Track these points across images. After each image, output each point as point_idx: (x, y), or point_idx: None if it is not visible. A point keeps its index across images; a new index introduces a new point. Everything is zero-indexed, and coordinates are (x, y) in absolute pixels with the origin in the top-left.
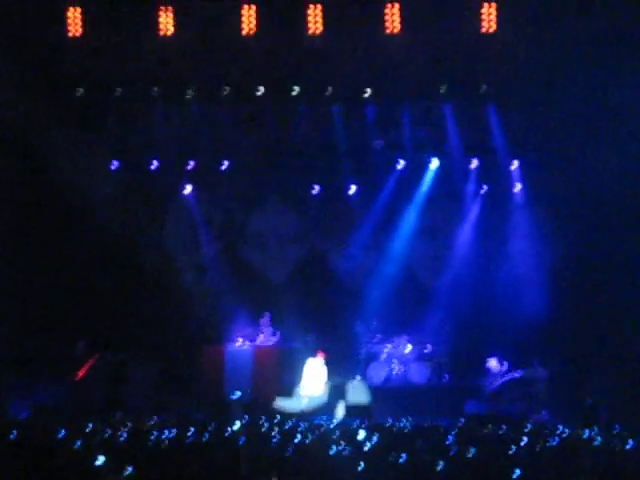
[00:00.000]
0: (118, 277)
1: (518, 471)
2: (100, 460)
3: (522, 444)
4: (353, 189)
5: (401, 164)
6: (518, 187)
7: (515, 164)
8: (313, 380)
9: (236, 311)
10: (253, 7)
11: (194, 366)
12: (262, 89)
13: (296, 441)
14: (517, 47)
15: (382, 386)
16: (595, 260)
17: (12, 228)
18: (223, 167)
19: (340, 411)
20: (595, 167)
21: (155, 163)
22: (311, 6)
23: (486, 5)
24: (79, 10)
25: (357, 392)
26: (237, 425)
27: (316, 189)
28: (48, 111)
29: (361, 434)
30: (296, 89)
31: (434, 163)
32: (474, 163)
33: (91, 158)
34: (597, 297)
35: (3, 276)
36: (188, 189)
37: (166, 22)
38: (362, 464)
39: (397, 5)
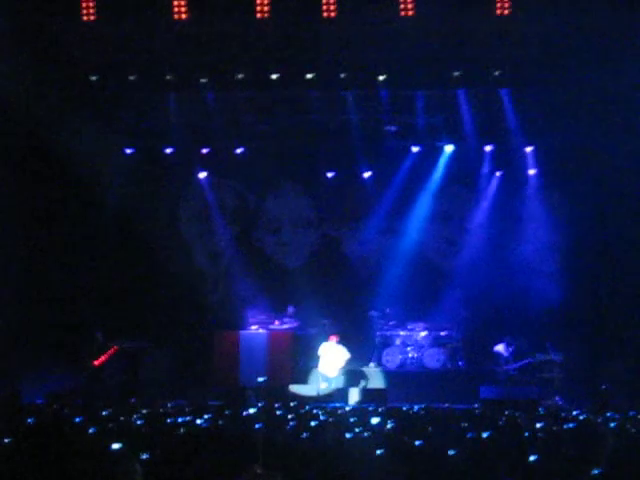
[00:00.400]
0: (132, 264)
1: (533, 457)
2: (116, 446)
3: (537, 428)
4: (367, 174)
5: (415, 149)
6: (532, 171)
7: (529, 148)
8: (330, 363)
9: (251, 297)
10: None
11: (209, 352)
12: (276, 74)
13: (311, 425)
14: (531, 30)
15: (397, 371)
16: (610, 243)
17: (28, 215)
18: (237, 152)
19: (355, 396)
20: (610, 150)
21: (170, 149)
22: None
23: None
24: None
25: (372, 377)
26: (252, 410)
27: (330, 174)
28: (62, 97)
29: (376, 419)
30: (310, 74)
31: (448, 148)
32: (488, 148)
33: (106, 144)
34: (612, 281)
35: (20, 266)
36: (202, 175)
37: (180, 6)
38: (377, 449)
39: None
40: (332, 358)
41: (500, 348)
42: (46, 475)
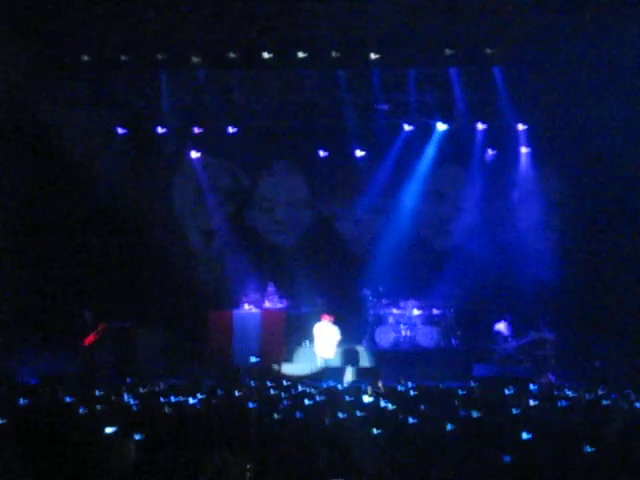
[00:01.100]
0: (125, 243)
1: (526, 435)
2: (109, 426)
3: (531, 405)
4: (360, 153)
5: (408, 127)
6: (525, 149)
7: (522, 126)
8: (325, 343)
9: (244, 276)
10: None
11: (202, 331)
12: (268, 53)
13: (305, 404)
14: (524, 7)
15: (390, 349)
16: (604, 221)
17: (18, 195)
18: (230, 132)
19: (349, 375)
20: (603, 128)
21: (162, 128)
22: None
23: None
24: None
25: (364, 357)
26: (246, 389)
27: (323, 153)
28: (53, 77)
29: (369, 397)
30: (302, 53)
31: (441, 126)
32: (481, 126)
33: (98, 124)
34: (606, 259)
35: (11, 245)
36: (195, 154)
37: None
38: (371, 427)
39: None
40: (327, 338)
41: (501, 327)
42: (40, 455)
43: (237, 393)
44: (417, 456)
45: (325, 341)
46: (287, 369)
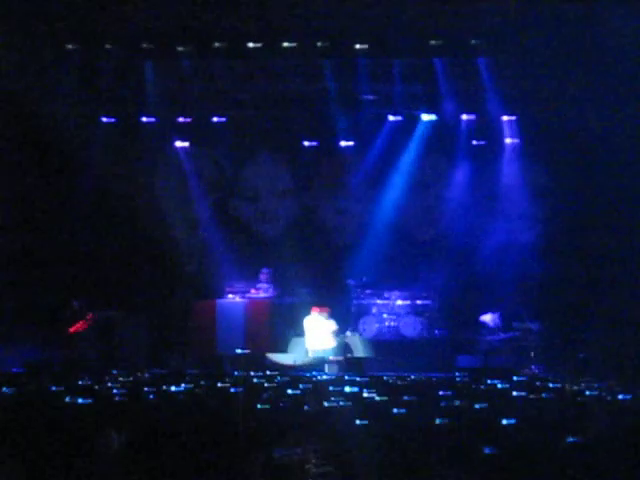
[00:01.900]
0: (109, 233)
1: (509, 421)
2: (92, 416)
3: (514, 396)
4: (345, 143)
5: (393, 118)
6: (511, 141)
7: (507, 118)
8: (317, 335)
9: (228, 266)
10: None
11: (186, 321)
12: (254, 43)
13: (289, 394)
14: None
15: (374, 339)
16: (589, 214)
17: (4, 186)
18: (215, 121)
19: (332, 365)
20: (592, 119)
21: (147, 118)
22: None
23: None
24: None
25: (358, 346)
26: (230, 379)
27: (308, 143)
28: (38, 66)
29: (352, 388)
30: (287, 43)
31: (426, 117)
32: (466, 117)
33: (82, 113)
34: (590, 251)
35: None
36: (180, 143)
37: None
38: (356, 417)
39: None
40: (320, 330)
41: (487, 318)
42: (22, 444)
43: (221, 383)
44: (401, 447)
45: (317, 333)
46: (273, 358)
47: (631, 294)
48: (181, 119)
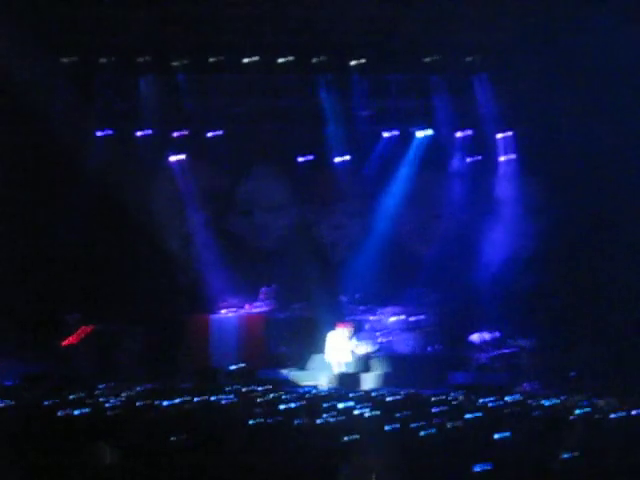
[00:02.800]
0: (104, 246)
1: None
2: (85, 430)
3: (507, 412)
4: (340, 159)
5: (388, 134)
6: (506, 157)
7: (501, 135)
8: (341, 350)
9: (222, 280)
10: None
11: (180, 336)
12: (249, 58)
13: (282, 409)
14: (504, 14)
15: (367, 356)
16: (584, 230)
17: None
18: (210, 135)
19: (325, 380)
20: (588, 136)
21: (142, 132)
22: None
23: None
24: None
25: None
26: (224, 394)
27: (303, 158)
28: (35, 79)
29: (345, 403)
30: (283, 58)
31: (422, 133)
32: (461, 134)
33: (80, 126)
34: (586, 268)
35: None
36: (175, 157)
37: None
38: (349, 432)
39: None
40: (345, 346)
41: (475, 337)
42: (16, 457)
43: (215, 397)
44: (394, 463)
45: (341, 349)
46: (301, 378)
47: (627, 311)
48: (176, 133)
